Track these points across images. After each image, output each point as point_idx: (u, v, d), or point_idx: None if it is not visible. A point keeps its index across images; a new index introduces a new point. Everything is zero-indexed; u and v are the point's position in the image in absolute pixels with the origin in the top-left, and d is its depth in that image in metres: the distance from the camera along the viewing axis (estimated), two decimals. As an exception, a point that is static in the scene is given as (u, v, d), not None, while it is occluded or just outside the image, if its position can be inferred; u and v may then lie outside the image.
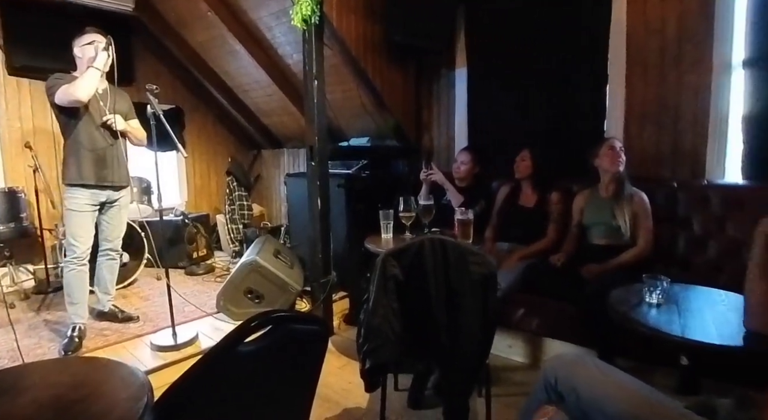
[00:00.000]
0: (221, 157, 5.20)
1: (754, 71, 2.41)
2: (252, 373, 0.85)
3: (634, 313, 1.54)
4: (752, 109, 2.43)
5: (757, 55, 2.38)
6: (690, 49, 2.59)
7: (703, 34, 2.54)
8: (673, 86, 2.66)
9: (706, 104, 2.57)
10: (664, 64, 2.68)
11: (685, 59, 2.61)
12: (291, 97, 4.16)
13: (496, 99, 3.34)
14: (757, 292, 1.24)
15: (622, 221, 2.35)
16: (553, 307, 2.32)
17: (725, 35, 2.49)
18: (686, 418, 1.07)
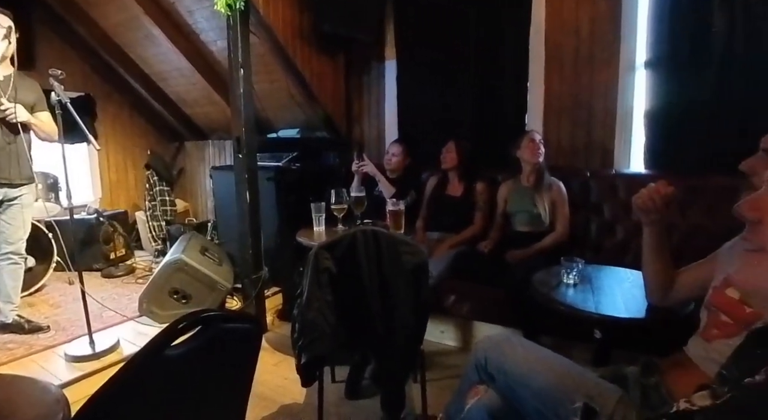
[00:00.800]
0: (139, 149, 4.85)
1: (653, 71, 2.67)
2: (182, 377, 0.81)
3: (554, 293, 1.66)
4: (652, 106, 2.69)
5: (656, 57, 2.64)
6: (600, 50, 2.81)
7: (611, 37, 2.76)
8: (586, 84, 2.87)
9: (613, 101, 2.81)
10: (578, 63, 2.88)
11: (596, 59, 2.83)
12: (215, 87, 3.96)
13: (425, 91, 3.41)
14: (645, 268, 1.38)
15: (542, 209, 2.52)
16: (482, 292, 2.43)
17: (630, 38, 2.73)
18: (601, 385, 1.17)
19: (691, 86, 2.55)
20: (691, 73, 2.54)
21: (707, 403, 0.58)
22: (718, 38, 2.45)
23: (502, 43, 3.07)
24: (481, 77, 3.16)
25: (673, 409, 0.61)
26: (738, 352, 0.67)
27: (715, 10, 2.43)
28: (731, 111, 2.46)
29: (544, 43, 2.95)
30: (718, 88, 2.48)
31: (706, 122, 2.52)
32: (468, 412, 1.31)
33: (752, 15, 2.37)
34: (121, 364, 0.73)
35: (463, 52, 3.19)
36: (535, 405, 1.19)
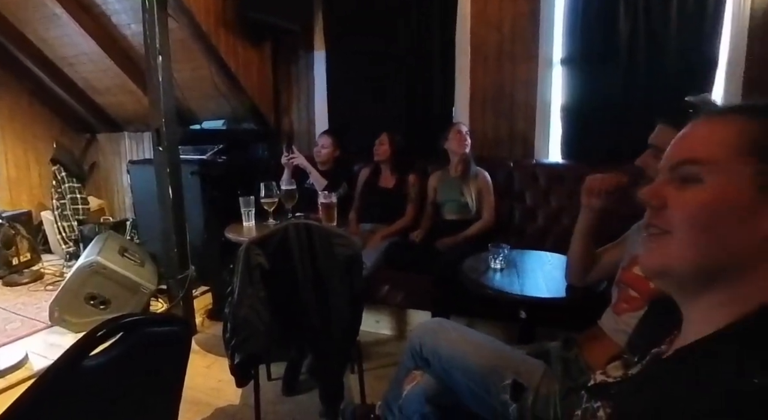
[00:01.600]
0: (43, 142, 4.38)
1: (568, 68, 2.86)
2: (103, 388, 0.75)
3: (483, 278, 1.74)
4: (567, 100, 2.89)
5: (571, 55, 2.84)
6: (521, 46, 2.95)
7: (531, 34, 2.92)
8: (508, 78, 3.01)
9: (533, 94, 2.97)
10: (502, 57, 3.01)
11: (517, 54, 2.97)
12: (131, 74, 3.66)
13: (355, 83, 3.39)
14: (572, 252, 1.49)
15: (469, 198, 2.63)
16: (415, 281, 2.49)
17: (548, 36, 2.91)
18: (527, 362, 1.26)
19: (602, 83, 2.77)
20: (602, 70, 2.76)
21: (620, 373, 0.64)
22: (624, 39, 2.68)
23: (429, 36, 3.12)
24: (411, 69, 3.20)
25: (591, 382, 0.66)
26: (642, 320, 0.74)
27: (621, 14, 2.66)
28: (637, 105, 2.70)
29: (470, 38, 3.05)
30: (625, 85, 2.72)
31: (615, 115, 2.75)
32: (405, 397, 1.35)
33: (652, 19, 2.62)
34: (32, 380, 0.66)
35: (393, 44, 3.21)
36: (469, 385, 1.24)
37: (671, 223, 0.53)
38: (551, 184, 2.79)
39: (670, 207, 0.54)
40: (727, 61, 2.60)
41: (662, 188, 0.55)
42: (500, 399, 1.18)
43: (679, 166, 0.54)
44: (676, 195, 0.54)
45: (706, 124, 0.55)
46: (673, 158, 0.56)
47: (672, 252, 0.53)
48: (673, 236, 0.53)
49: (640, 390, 0.56)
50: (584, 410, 0.66)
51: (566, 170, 2.81)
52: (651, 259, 0.56)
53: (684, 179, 0.53)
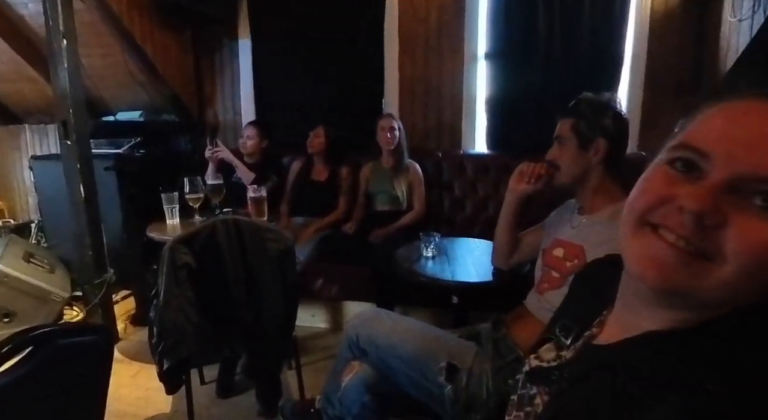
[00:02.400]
0: None
1: (492, 63, 2.99)
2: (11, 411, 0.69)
3: (416, 266, 1.78)
4: (491, 93, 3.02)
5: (494, 50, 2.96)
6: (447, 41, 3.03)
7: (456, 28, 3.01)
8: (435, 70, 3.09)
9: (459, 87, 3.07)
10: (429, 50, 3.08)
11: (444, 48, 3.05)
12: (30, 60, 3.28)
13: (283, 73, 3.30)
14: (498, 236, 1.57)
15: (400, 191, 2.67)
16: (349, 272, 2.50)
17: (473, 31, 3.01)
18: (460, 344, 1.31)
19: (522, 77, 2.93)
20: (522, 65, 2.91)
21: (552, 355, 0.64)
22: (542, 37, 2.85)
23: (358, 27, 3.11)
24: (339, 60, 3.17)
25: (526, 367, 0.67)
26: (568, 299, 0.75)
27: (540, 12, 2.82)
28: (554, 98, 2.88)
29: (398, 30, 3.08)
30: (543, 79, 2.90)
31: (535, 108, 2.92)
32: (345, 388, 1.35)
33: (566, 18, 2.81)
34: None
35: (320, 34, 3.16)
36: (406, 371, 1.27)
37: (723, 252, 0.41)
38: (478, 174, 2.91)
39: (731, 231, 0.41)
40: (631, 58, 2.86)
41: (723, 200, 0.41)
42: (436, 382, 1.22)
43: (763, 183, 0.40)
44: (747, 220, 0.41)
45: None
46: (756, 167, 0.41)
47: (706, 284, 0.42)
48: (718, 268, 0.41)
49: (581, 379, 0.54)
50: (520, 396, 0.65)
51: (492, 160, 2.94)
52: (670, 279, 0.43)
53: (765, 202, 0.40)
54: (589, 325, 0.60)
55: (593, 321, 0.60)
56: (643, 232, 0.46)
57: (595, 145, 1.26)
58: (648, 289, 0.46)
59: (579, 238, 1.27)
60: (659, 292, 0.45)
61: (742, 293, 0.42)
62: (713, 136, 0.43)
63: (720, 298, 0.43)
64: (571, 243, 1.28)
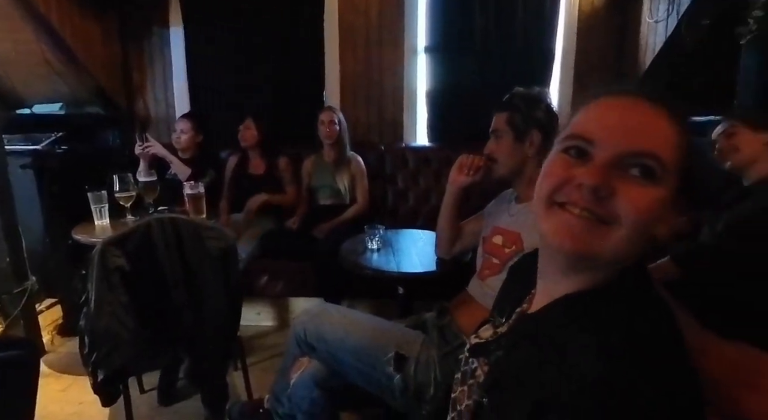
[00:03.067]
0: None
1: (431, 56, 3.04)
2: None
3: (361, 259, 1.79)
4: (431, 86, 3.07)
5: (433, 44, 3.02)
6: (388, 34, 3.04)
7: (396, 22, 3.02)
8: (376, 63, 3.09)
9: (400, 81, 3.10)
10: (369, 43, 3.07)
11: (384, 41, 3.05)
12: None
13: (219, 63, 3.16)
14: (440, 227, 1.61)
15: (342, 185, 2.66)
16: (294, 268, 2.47)
17: (412, 25, 3.04)
18: (407, 334, 1.34)
19: (461, 71, 3.00)
20: (460, 59, 2.99)
21: (490, 333, 0.70)
22: (479, 32, 2.94)
23: (297, 18, 3.04)
24: (279, 51, 3.09)
25: (467, 346, 0.73)
26: (504, 286, 0.81)
27: (476, 8, 2.90)
28: (490, 92, 2.98)
29: (338, 22, 3.04)
30: (481, 73, 2.99)
31: (473, 101, 3.01)
32: (294, 385, 1.34)
33: (502, 14, 2.91)
34: None
35: (258, 24, 3.06)
36: (355, 364, 1.28)
37: (617, 216, 0.51)
38: (420, 166, 2.97)
39: (620, 199, 0.51)
40: (561, 53, 3.01)
41: (610, 175, 0.51)
42: (385, 372, 1.24)
43: (638, 157, 0.51)
44: (630, 188, 0.51)
45: (650, 112, 0.53)
46: (629, 145, 0.52)
47: (609, 243, 0.52)
48: (615, 230, 0.51)
49: (513, 345, 0.61)
50: (463, 372, 0.71)
51: (433, 152, 3.00)
52: (581, 243, 0.52)
53: (642, 172, 0.51)
54: (520, 304, 0.68)
55: (523, 300, 0.68)
56: (553, 211, 0.55)
57: (530, 137, 1.32)
58: (563, 258, 0.55)
59: (516, 226, 1.33)
60: (574, 257, 0.54)
61: (634, 250, 0.53)
62: (596, 126, 0.54)
63: (619, 255, 0.53)
64: (509, 230, 1.34)
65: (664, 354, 0.48)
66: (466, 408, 0.67)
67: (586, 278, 0.56)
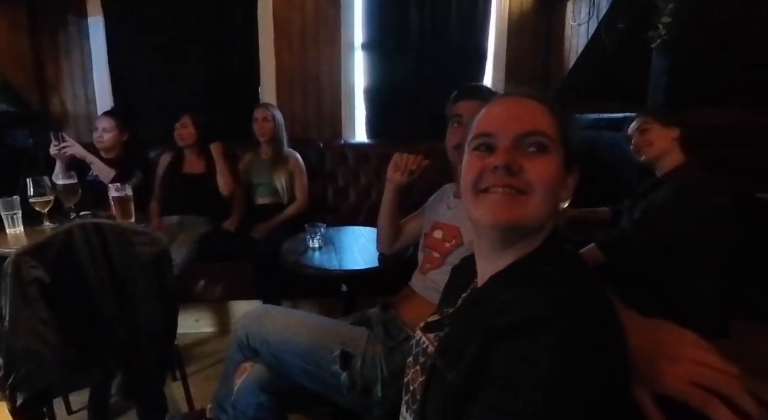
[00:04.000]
0: None
1: (368, 53, 3.05)
2: None
3: (302, 258, 1.77)
4: (369, 83, 3.08)
5: (370, 41, 3.02)
6: (324, 28, 3.02)
7: (333, 18, 3.00)
8: (313, 59, 3.05)
9: (338, 77, 3.09)
10: (306, 39, 3.03)
11: (321, 37, 3.03)
12: None
13: (144, 56, 2.96)
14: (381, 224, 1.62)
15: (279, 183, 2.60)
16: (233, 270, 2.40)
17: (349, 21, 3.03)
18: (352, 331, 1.34)
19: (397, 68, 3.04)
20: (397, 56, 3.02)
21: (437, 318, 0.77)
22: (415, 29, 2.99)
23: (230, 13, 2.93)
24: (210, 44, 2.96)
25: (414, 338, 0.77)
26: (448, 284, 0.87)
27: (412, 6, 2.95)
28: (426, 89, 3.05)
29: (273, 17, 2.97)
30: (416, 71, 3.04)
31: (409, 98, 3.06)
32: (238, 391, 1.30)
33: (436, 13, 2.98)
34: None
35: (187, 16, 2.91)
36: (301, 365, 1.26)
37: (530, 186, 0.62)
38: (360, 162, 2.97)
39: (528, 171, 0.62)
40: (493, 54, 3.13)
41: (515, 154, 0.63)
42: (331, 371, 1.24)
43: (529, 136, 0.64)
44: (532, 161, 0.63)
45: (531, 104, 0.67)
46: (522, 129, 0.64)
47: (530, 210, 0.62)
48: (532, 197, 0.62)
49: (462, 315, 0.67)
50: (415, 354, 0.75)
51: (372, 149, 3.02)
52: (509, 214, 0.63)
53: (537, 148, 0.63)
54: (466, 291, 0.75)
55: (467, 289, 0.75)
56: (480, 197, 0.65)
57: None
58: (497, 234, 0.65)
59: (455, 220, 1.36)
60: (506, 229, 0.64)
61: (549, 213, 0.64)
62: (492, 122, 0.67)
63: (540, 219, 0.64)
64: (448, 225, 1.38)
65: (601, 306, 0.54)
66: (419, 385, 0.71)
67: (518, 251, 0.65)
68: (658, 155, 1.70)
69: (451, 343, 0.65)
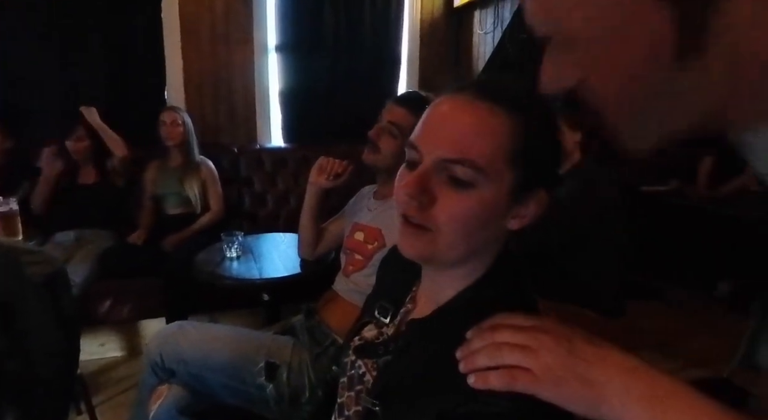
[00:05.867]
0: None
1: (283, 55, 2.99)
2: None
3: (219, 269, 1.69)
4: (284, 86, 3.02)
5: (284, 43, 2.96)
6: (236, 29, 2.90)
7: (245, 18, 2.90)
8: (224, 61, 2.93)
9: (251, 79, 2.99)
10: (216, 39, 2.89)
11: (232, 37, 2.91)
12: None
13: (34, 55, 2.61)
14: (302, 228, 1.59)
15: (191, 192, 2.46)
16: (142, 287, 2.23)
17: (261, 22, 2.94)
18: (276, 341, 1.30)
19: (313, 71, 3.01)
20: (312, 59, 2.99)
21: (374, 333, 0.70)
22: (330, 33, 2.97)
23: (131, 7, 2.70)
24: (108, 42, 2.69)
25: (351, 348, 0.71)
26: (379, 283, 0.82)
27: (326, 8, 2.93)
28: (342, 93, 3.06)
29: (179, 15, 2.80)
30: (332, 74, 3.03)
31: (326, 101, 3.05)
32: (154, 417, 1.21)
33: (351, 17, 2.98)
34: None
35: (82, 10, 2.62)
36: (223, 381, 1.21)
37: (436, 223, 0.52)
38: (277, 167, 2.91)
39: (437, 207, 0.52)
40: (407, 59, 3.22)
41: (430, 182, 0.52)
42: (256, 384, 1.19)
43: (454, 163, 0.51)
44: (447, 195, 0.52)
45: (480, 113, 0.52)
46: (447, 152, 0.52)
47: (439, 247, 0.53)
48: (437, 235, 0.53)
49: (406, 349, 0.61)
50: (350, 377, 0.69)
51: (289, 153, 2.97)
52: (414, 249, 0.55)
53: (457, 181, 0.51)
54: (403, 302, 0.69)
55: (406, 297, 0.69)
56: (402, 218, 0.56)
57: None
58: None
59: (376, 222, 1.38)
60: (417, 261, 0.57)
61: (470, 250, 0.55)
62: (422, 132, 0.55)
63: (457, 256, 0.55)
64: (369, 226, 1.39)
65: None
66: (355, 413, 0.67)
67: (461, 277, 0.58)
68: (564, 155, 1.89)
69: (392, 387, 0.59)
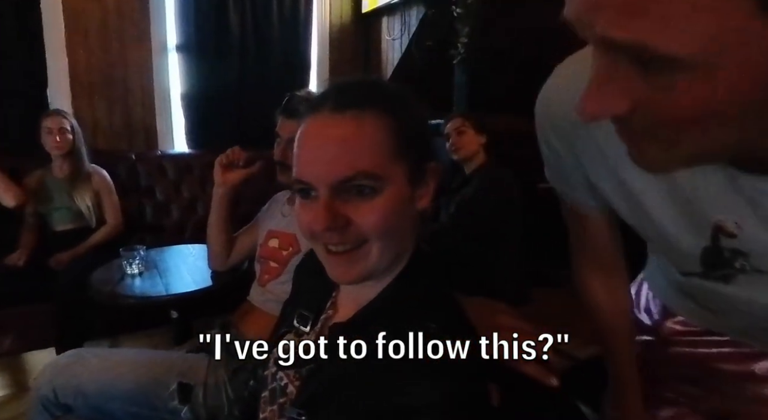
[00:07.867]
0: None
1: (184, 56, 2.83)
2: None
3: (120, 288, 1.56)
4: (187, 89, 2.87)
5: (186, 43, 2.81)
6: (130, 25, 2.69)
7: (140, 14, 2.70)
8: (118, 60, 2.70)
9: (150, 80, 2.79)
10: (108, 36, 2.66)
11: (126, 35, 2.70)
12: None
13: None
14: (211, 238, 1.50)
15: (83, 205, 2.23)
16: (27, 315, 1.99)
17: (160, 20, 2.77)
18: (188, 360, 1.22)
19: (218, 73, 2.88)
20: (217, 60, 2.86)
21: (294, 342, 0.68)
22: (236, 34, 2.87)
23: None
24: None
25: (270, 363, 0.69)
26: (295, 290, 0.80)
27: (231, 8, 2.83)
28: (250, 96, 2.96)
29: (62, 8, 2.52)
30: (239, 76, 2.93)
31: (232, 105, 2.94)
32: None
33: (258, 18, 2.91)
34: None
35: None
36: (131, 411, 1.11)
37: (364, 235, 0.54)
38: (181, 175, 2.74)
39: (356, 223, 0.53)
40: (317, 62, 3.20)
41: (335, 206, 0.53)
42: (169, 408, 1.11)
43: (349, 181, 0.52)
44: (358, 209, 0.53)
45: (348, 127, 0.53)
46: (339, 174, 0.52)
47: (373, 258, 0.55)
48: (371, 245, 0.54)
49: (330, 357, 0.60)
50: (272, 390, 0.67)
51: (195, 159, 2.82)
52: (350, 276, 0.56)
53: (360, 191, 0.53)
54: (323, 309, 0.68)
55: (326, 304, 0.68)
56: (322, 249, 0.57)
57: None
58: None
59: (291, 227, 1.35)
60: (354, 284, 0.58)
61: (399, 245, 0.58)
62: (304, 166, 0.55)
63: (390, 259, 0.57)
64: (284, 232, 1.36)
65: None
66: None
67: (382, 279, 0.60)
68: (469, 156, 2.07)
69: (318, 395, 0.59)
